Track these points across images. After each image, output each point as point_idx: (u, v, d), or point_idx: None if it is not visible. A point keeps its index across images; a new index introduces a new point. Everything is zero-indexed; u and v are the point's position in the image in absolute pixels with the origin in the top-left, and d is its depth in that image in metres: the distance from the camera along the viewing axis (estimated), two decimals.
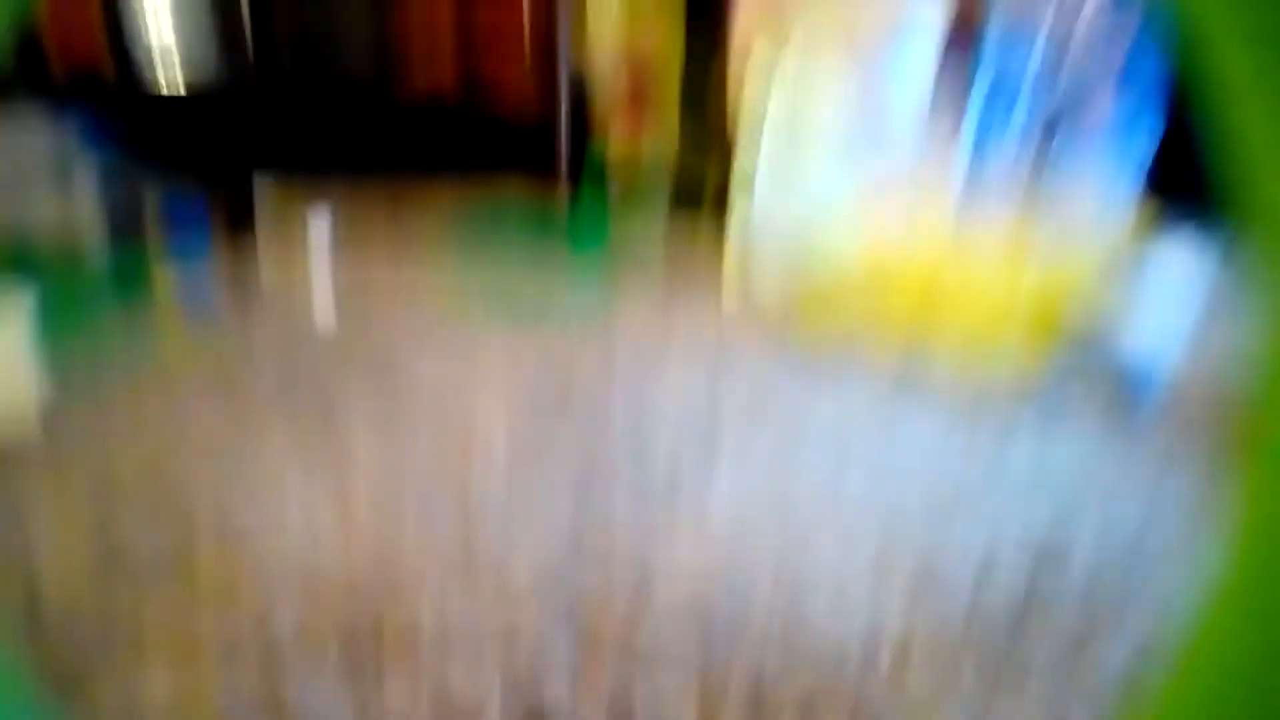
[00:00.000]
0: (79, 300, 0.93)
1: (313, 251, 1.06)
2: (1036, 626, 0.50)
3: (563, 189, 1.36)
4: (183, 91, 1.50)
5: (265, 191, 1.31)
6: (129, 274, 1.00)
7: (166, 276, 1.01)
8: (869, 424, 0.74)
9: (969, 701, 0.43)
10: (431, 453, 0.67)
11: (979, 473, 0.69)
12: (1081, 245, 0.99)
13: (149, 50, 1.48)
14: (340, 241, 1.13)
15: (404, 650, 0.45)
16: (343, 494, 0.61)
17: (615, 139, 1.35)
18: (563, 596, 0.49)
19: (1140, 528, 0.62)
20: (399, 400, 0.77)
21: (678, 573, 0.51)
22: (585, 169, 1.34)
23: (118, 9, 1.48)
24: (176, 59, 1.50)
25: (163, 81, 1.47)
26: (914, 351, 0.87)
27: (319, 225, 1.13)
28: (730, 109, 1.20)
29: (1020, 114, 1.23)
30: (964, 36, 1.23)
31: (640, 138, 1.33)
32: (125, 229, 1.12)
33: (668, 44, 1.33)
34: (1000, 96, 1.23)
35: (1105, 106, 1.22)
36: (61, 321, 0.88)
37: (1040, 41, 1.22)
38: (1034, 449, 0.74)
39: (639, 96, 1.34)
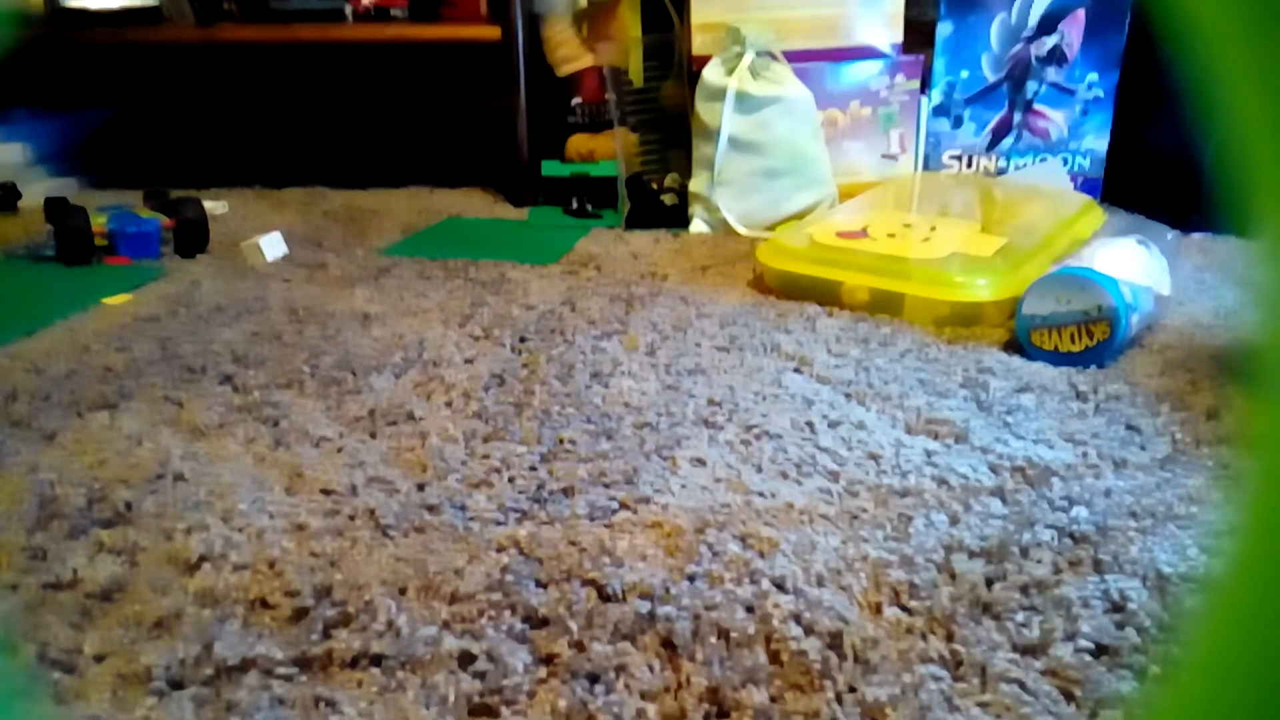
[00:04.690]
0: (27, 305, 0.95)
1: (264, 269, 1.07)
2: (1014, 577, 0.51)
3: (521, 202, 1.41)
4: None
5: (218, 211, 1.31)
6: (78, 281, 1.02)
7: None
8: (840, 383, 0.76)
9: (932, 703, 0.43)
10: (386, 453, 0.66)
11: (953, 412, 0.70)
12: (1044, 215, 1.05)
13: None
14: (294, 260, 1.13)
15: (355, 678, 0.44)
16: (292, 504, 0.59)
17: (574, 154, 1.40)
18: (517, 615, 0.48)
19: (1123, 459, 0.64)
20: (349, 389, 0.76)
21: (634, 581, 0.50)
22: (544, 184, 1.39)
23: None
24: None
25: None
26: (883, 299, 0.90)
27: (272, 245, 1.12)
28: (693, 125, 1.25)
29: (972, 117, 1.33)
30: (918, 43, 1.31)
31: (599, 153, 1.37)
32: (74, 249, 1.10)
33: (627, 60, 1.38)
34: (954, 101, 1.34)
35: (1056, 116, 1.31)
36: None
37: (994, 46, 1.31)
38: (1009, 386, 0.76)
39: (599, 111, 1.40)
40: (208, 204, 1.21)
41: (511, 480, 0.61)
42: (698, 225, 1.24)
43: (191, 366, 0.79)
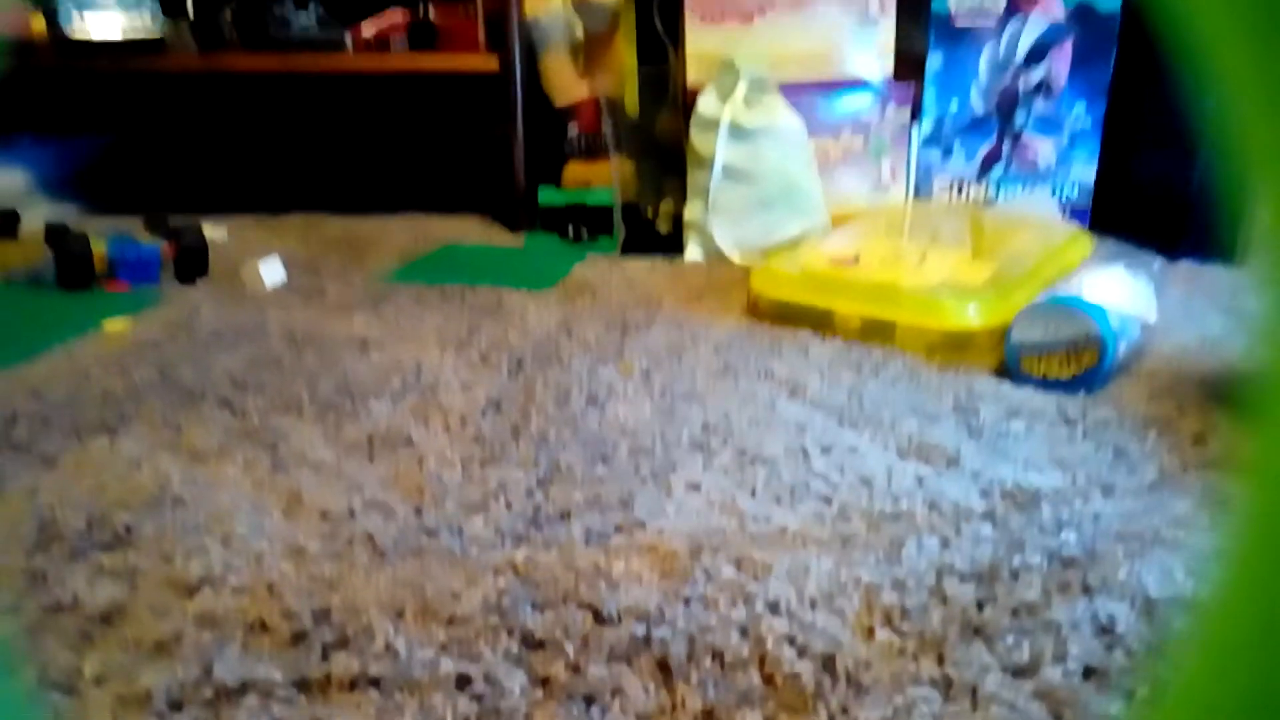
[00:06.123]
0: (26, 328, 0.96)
1: (263, 295, 1.08)
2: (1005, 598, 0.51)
3: (518, 229, 1.41)
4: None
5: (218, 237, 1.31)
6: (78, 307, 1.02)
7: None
8: (833, 410, 0.76)
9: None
10: (384, 477, 0.66)
11: (944, 440, 0.71)
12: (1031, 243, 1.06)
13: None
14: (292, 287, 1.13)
15: (354, 700, 0.44)
16: (291, 528, 0.59)
17: (570, 182, 1.41)
18: (514, 638, 0.48)
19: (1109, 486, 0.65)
20: (347, 413, 0.76)
21: (629, 604, 0.51)
22: (540, 211, 1.40)
23: None
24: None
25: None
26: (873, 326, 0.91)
27: (272, 271, 1.13)
28: (688, 154, 1.26)
29: (962, 146, 1.35)
30: (908, 76, 1.33)
31: (595, 181, 1.39)
32: (74, 274, 1.11)
33: (623, 90, 1.39)
34: (944, 131, 1.35)
35: (1044, 146, 1.33)
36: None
37: (983, 78, 1.33)
38: (998, 412, 0.76)
39: (595, 140, 1.41)
40: (207, 230, 1.22)
41: (508, 504, 0.62)
42: (692, 252, 1.26)
43: (191, 391, 0.80)
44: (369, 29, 1.48)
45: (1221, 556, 0.23)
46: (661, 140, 1.38)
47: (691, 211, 1.25)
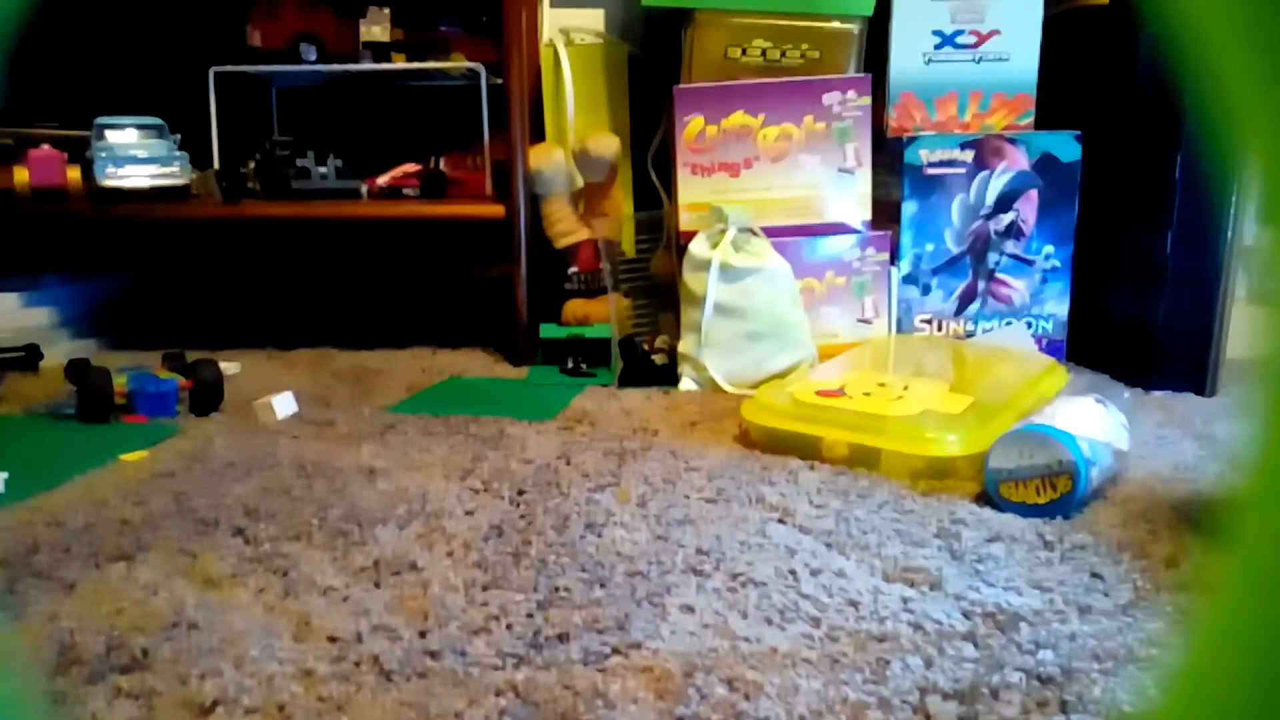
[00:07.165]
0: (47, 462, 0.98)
1: (274, 426, 1.13)
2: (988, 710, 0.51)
3: (520, 363, 1.49)
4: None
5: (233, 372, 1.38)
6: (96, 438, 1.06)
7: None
8: (820, 534, 0.77)
9: None
10: (389, 601, 0.69)
11: (928, 561, 0.73)
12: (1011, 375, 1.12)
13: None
14: (303, 419, 1.18)
15: None
16: (301, 651, 0.62)
17: (570, 318, 1.50)
18: None
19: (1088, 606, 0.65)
20: (355, 540, 0.79)
21: None
22: (541, 345, 1.48)
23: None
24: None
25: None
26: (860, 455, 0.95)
27: (283, 404, 1.18)
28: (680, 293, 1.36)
29: (939, 285, 1.44)
30: (886, 221, 1.43)
31: (593, 317, 1.49)
32: (93, 408, 1.16)
33: (621, 233, 1.52)
34: (921, 271, 1.45)
35: (1018, 284, 1.42)
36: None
37: (956, 222, 1.43)
38: (979, 537, 0.79)
39: (594, 279, 1.51)
40: (222, 365, 1.28)
41: (509, 627, 0.64)
42: (686, 384, 1.31)
43: (205, 520, 0.83)
44: (384, 179, 1.60)
45: (1183, 672, 0.26)
46: (656, 279, 1.47)
47: (685, 345, 1.31)
